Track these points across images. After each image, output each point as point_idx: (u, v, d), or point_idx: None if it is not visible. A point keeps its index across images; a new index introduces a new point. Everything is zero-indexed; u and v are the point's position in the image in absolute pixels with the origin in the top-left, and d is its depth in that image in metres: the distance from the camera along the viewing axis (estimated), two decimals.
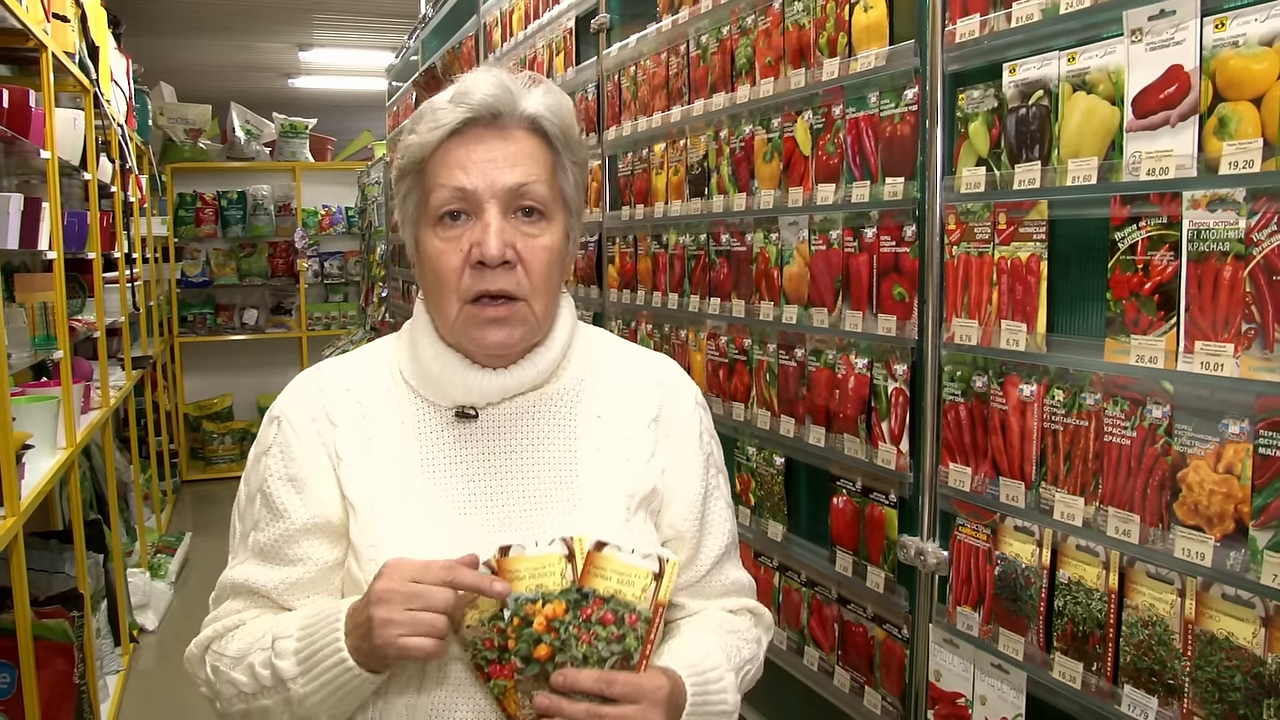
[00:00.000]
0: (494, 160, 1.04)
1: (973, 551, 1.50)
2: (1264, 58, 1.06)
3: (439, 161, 1.06)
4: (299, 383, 1.17)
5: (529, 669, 0.96)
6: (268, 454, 1.12)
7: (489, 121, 1.05)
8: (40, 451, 3.03)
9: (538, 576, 0.97)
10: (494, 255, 1.03)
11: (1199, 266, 1.14)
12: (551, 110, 1.08)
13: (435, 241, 1.06)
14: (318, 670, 0.99)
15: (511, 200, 1.05)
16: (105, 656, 3.86)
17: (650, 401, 1.17)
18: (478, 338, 1.07)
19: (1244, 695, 1.11)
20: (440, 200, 1.05)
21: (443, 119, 1.05)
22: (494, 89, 1.05)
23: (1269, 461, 1.08)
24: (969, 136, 1.47)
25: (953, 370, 1.53)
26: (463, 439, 1.10)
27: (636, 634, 0.96)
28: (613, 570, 0.97)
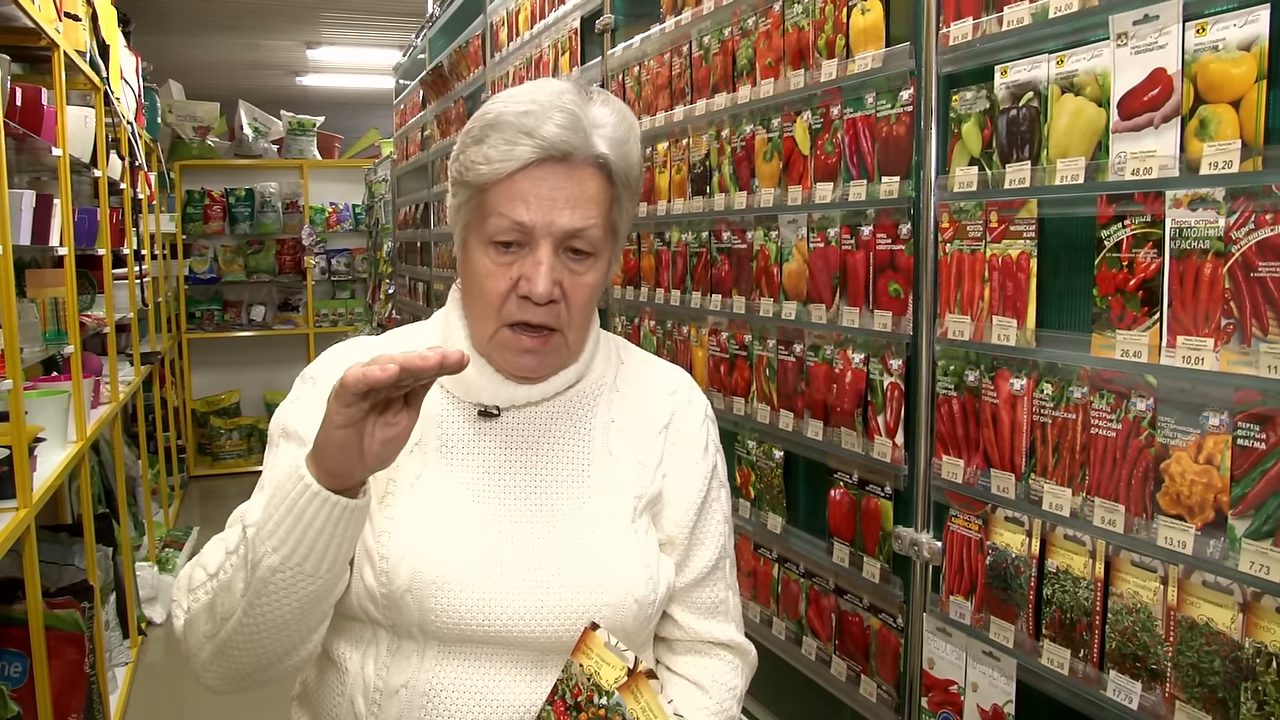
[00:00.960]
0: (555, 200, 1.05)
1: (965, 542, 1.54)
2: (1242, 61, 1.09)
3: (501, 190, 1.06)
4: (337, 350, 1.21)
5: None
6: (295, 403, 1.15)
7: (559, 160, 1.05)
8: (51, 445, 3.08)
9: (602, 663, 1.01)
10: (541, 295, 1.05)
11: (1181, 264, 1.18)
12: (619, 150, 1.09)
13: (486, 262, 1.08)
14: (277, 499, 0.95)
15: (565, 240, 1.07)
16: (114, 649, 3.91)
17: (663, 410, 1.21)
18: (510, 362, 1.11)
19: (1222, 679, 1.15)
20: (498, 227, 1.06)
21: (512, 152, 1.04)
22: (568, 128, 1.04)
23: (1247, 452, 1.12)
24: (962, 137, 1.51)
25: (946, 365, 1.56)
26: (480, 432, 1.14)
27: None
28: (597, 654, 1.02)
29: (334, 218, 7.86)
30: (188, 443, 7.32)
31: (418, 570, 1.06)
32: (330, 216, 7.85)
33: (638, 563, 1.12)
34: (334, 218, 7.86)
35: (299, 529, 0.94)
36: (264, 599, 0.97)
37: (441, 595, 1.06)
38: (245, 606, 0.97)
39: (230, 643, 1.00)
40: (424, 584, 1.05)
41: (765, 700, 2.15)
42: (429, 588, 1.06)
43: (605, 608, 1.09)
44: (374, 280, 7.06)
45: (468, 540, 1.08)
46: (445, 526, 1.08)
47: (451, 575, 1.06)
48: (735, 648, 1.24)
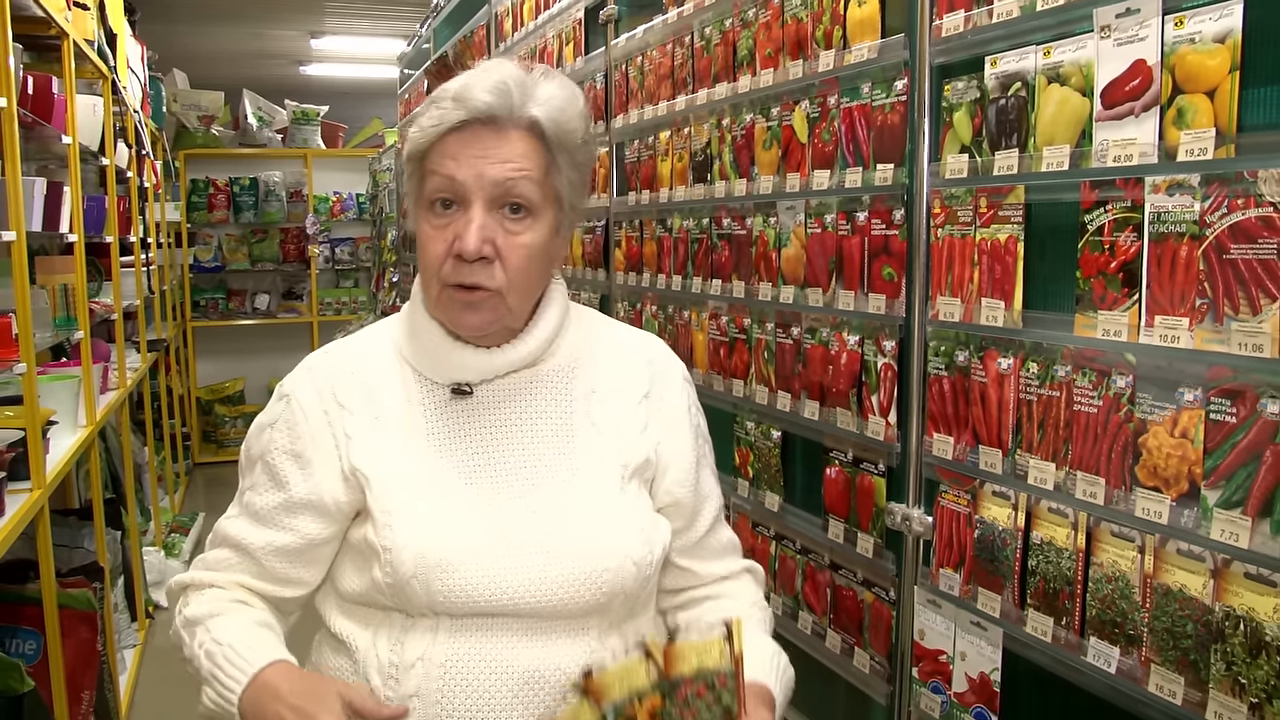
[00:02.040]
0: (485, 156, 1.10)
1: (954, 516, 1.60)
2: (1217, 54, 1.15)
3: (437, 151, 1.11)
4: (309, 364, 1.24)
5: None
6: (274, 427, 1.20)
7: (486, 122, 1.10)
8: (62, 428, 3.14)
9: (626, 682, 1.02)
10: (471, 251, 1.09)
11: (1159, 247, 1.23)
12: (551, 114, 1.13)
13: (425, 227, 1.13)
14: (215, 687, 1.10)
15: (498, 196, 1.10)
16: (122, 631, 3.97)
17: (641, 379, 1.25)
18: (453, 319, 1.16)
19: (1194, 642, 1.21)
20: (433, 187, 1.12)
21: (444, 117, 1.11)
22: (494, 93, 1.10)
23: (1219, 426, 1.17)
24: (953, 125, 1.56)
25: (937, 345, 1.62)
26: (464, 414, 1.18)
27: (729, 689, 1.02)
28: (688, 653, 1.03)
29: (338, 207, 7.91)
30: (192, 430, 7.38)
31: (421, 556, 1.10)
32: (334, 205, 7.90)
33: (632, 526, 1.17)
34: (338, 207, 7.91)
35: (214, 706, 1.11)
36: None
37: (446, 577, 1.10)
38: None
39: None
40: (428, 568, 1.10)
41: None
42: (433, 571, 1.10)
43: (605, 572, 1.13)
44: (378, 269, 7.11)
45: (466, 522, 1.13)
46: (443, 511, 1.13)
47: (454, 557, 1.10)
48: (750, 570, 1.34)
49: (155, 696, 3.82)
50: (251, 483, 1.21)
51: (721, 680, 1.02)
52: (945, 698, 1.65)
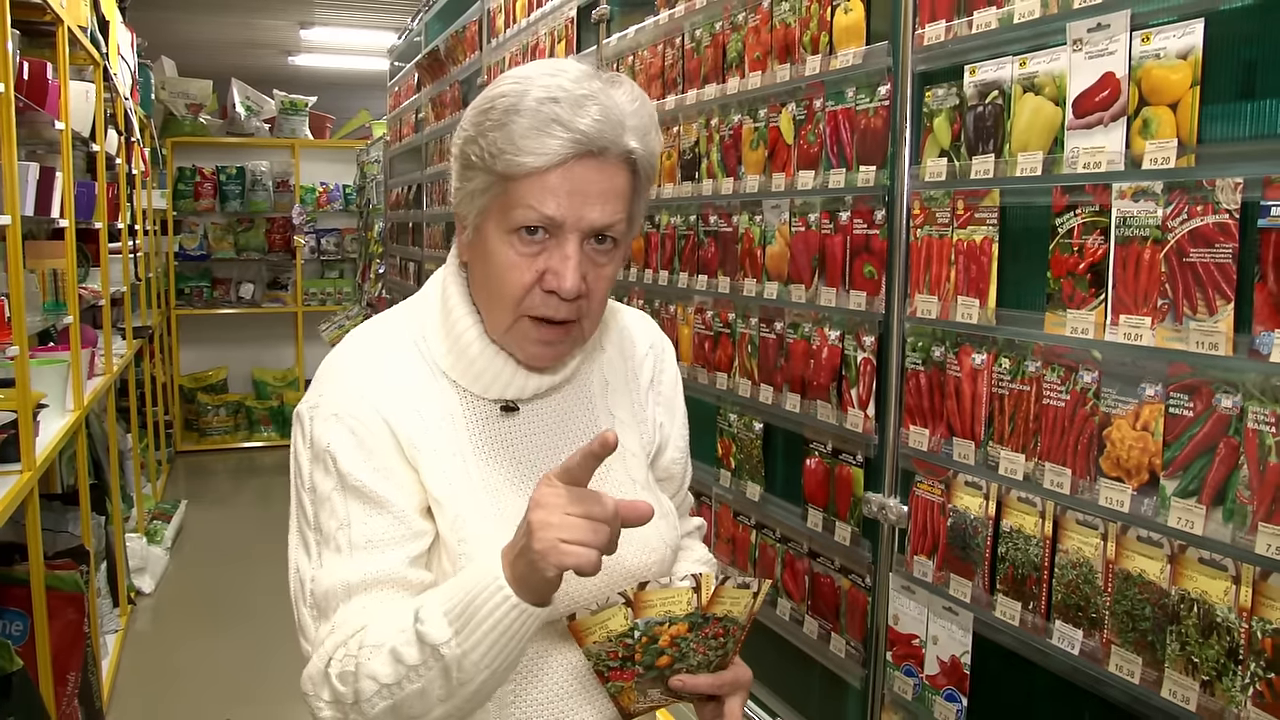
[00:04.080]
0: (587, 196, 1.02)
1: (929, 505, 1.67)
2: (1179, 69, 1.22)
3: (532, 182, 1.02)
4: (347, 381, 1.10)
5: (649, 674, 1.08)
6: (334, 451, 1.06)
7: (593, 154, 1.02)
8: (50, 412, 3.16)
9: (667, 605, 1.06)
10: (570, 291, 1.03)
11: (1124, 249, 1.30)
12: (645, 142, 1.06)
13: (508, 252, 1.05)
14: (476, 620, 0.96)
15: (592, 233, 1.05)
16: (105, 616, 3.99)
17: (647, 367, 1.28)
18: (527, 353, 1.10)
19: (1152, 624, 1.28)
20: (523, 218, 1.03)
21: (549, 146, 1.00)
22: (604, 122, 1.01)
23: (1177, 420, 1.24)
24: (933, 130, 1.63)
25: (915, 341, 1.69)
26: (506, 427, 1.15)
27: (734, 639, 1.10)
28: (729, 596, 1.07)
29: (324, 197, 7.92)
30: (175, 418, 7.38)
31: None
32: (321, 196, 7.91)
33: (660, 513, 1.19)
34: (324, 197, 7.92)
35: (512, 645, 0.98)
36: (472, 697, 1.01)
37: None
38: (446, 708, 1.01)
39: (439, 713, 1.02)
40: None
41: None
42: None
43: (654, 564, 1.17)
44: (364, 260, 7.13)
45: None
46: (509, 524, 1.05)
47: None
48: (699, 527, 1.39)
49: (137, 682, 3.84)
50: (341, 519, 1.06)
51: (735, 630, 1.09)
52: (918, 680, 1.72)
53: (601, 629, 1.05)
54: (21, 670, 2.50)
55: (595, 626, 1.05)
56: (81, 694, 3.13)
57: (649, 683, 1.09)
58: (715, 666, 1.10)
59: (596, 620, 1.05)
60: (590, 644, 1.06)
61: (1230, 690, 1.18)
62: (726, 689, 1.10)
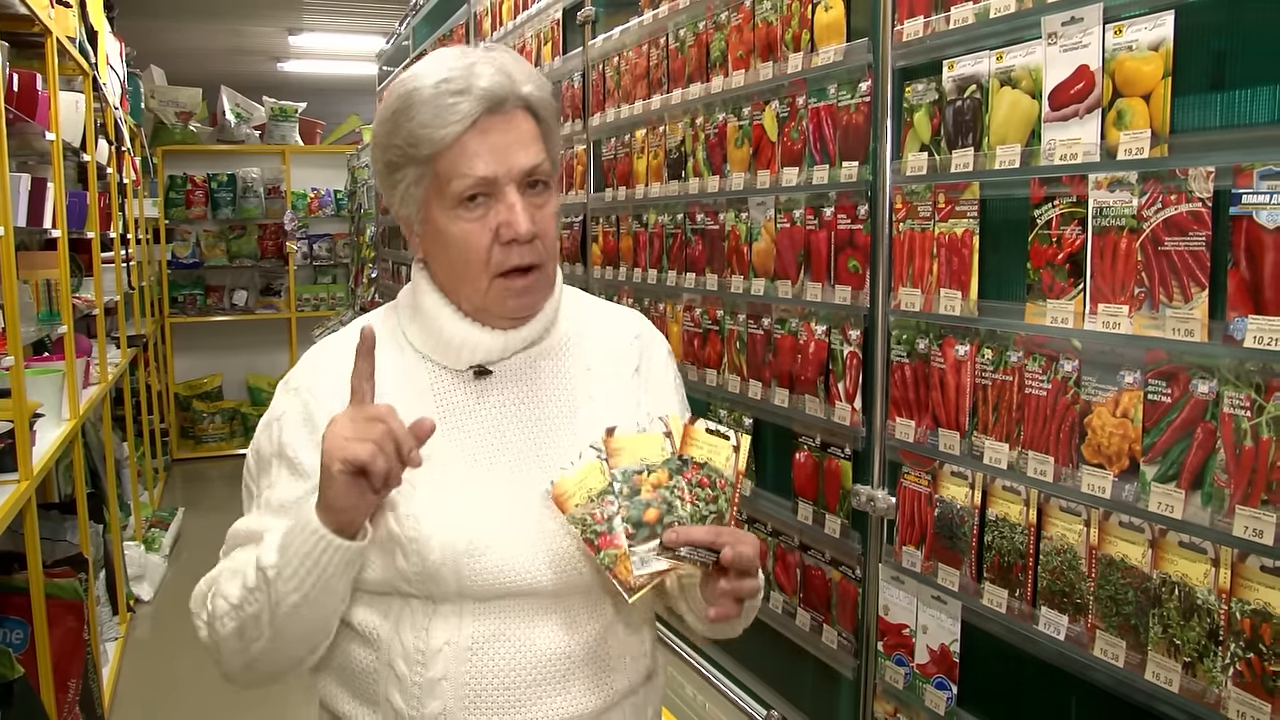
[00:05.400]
0: (508, 145, 1.11)
1: (916, 496, 1.69)
2: (1151, 60, 1.24)
3: (454, 154, 1.10)
4: (315, 358, 1.23)
5: (640, 533, 1.05)
6: (282, 420, 1.18)
7: (496, 108, 1.11)
8: (46, 422, 3.17)
9: (640, 452, 1.06)
10: (525, 232, 1.11)
11: (1101, 239, 1.32)
12: (537, 86, 1.16)
13: (460, 223, 1.12)
14: (294, 545, 1.05)
15: (524, 179, 1.13)
16: (104, 623, 4.01)
17: (630, 355, 1.30)
18: (509, 307, 1.17)
19: (1135, 608, 1.30)
20: (462, 187, 1.11)
21: (460, 110, 1.09)
22: (497, 75, 1.11)
23: (1156, 406, 1.26)
24: (914, 125, 1.65)
25: (899, 334, 1.71)
26: (474, 397, 1.19)
27: (726, 496, 1.08)
28: (703, 440, 1.08)
29: (316, 203, 7.94)
30: (171, 426, 7.39)
31: (448, 544, 1.11)
32: (312, 202, 7.93)
33: None
34: (316, 203, 7.94)
35: (316, 571, 1.06)
36: (289, 624, 1.10)
37: (474, 562, 1.11)
38: (271, 633, 1.10)
39: (259, 657, 1.14)
40: (457, 555, 1.11)
41: (734, 653, 2.30)
42: (462, 558, 1.11)
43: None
44: (356, 264, 7.14)
45: (488, 506, 1.15)
46: (465, 497, 1.14)
47: (479, 541, 1.12)
48: None
49: (138, 689, 3.85)
50: (269, 481, 1.18)
51: (722, 484, 1.08)
52: (909, 669, 1.74)
53: (580, 489, 1.06)
54: (23, 678, 2.51)
55: (574, 488, 1.06)
56: (83, 701, 3.15)
57: (642, 545, 1.05)
58: (710, 524, 1.07)
59: (574, 480, 1.06)
60: (573, 509, 1.05)
61: (1211, 671, 1.20)
62: (727, 537, 1.06)
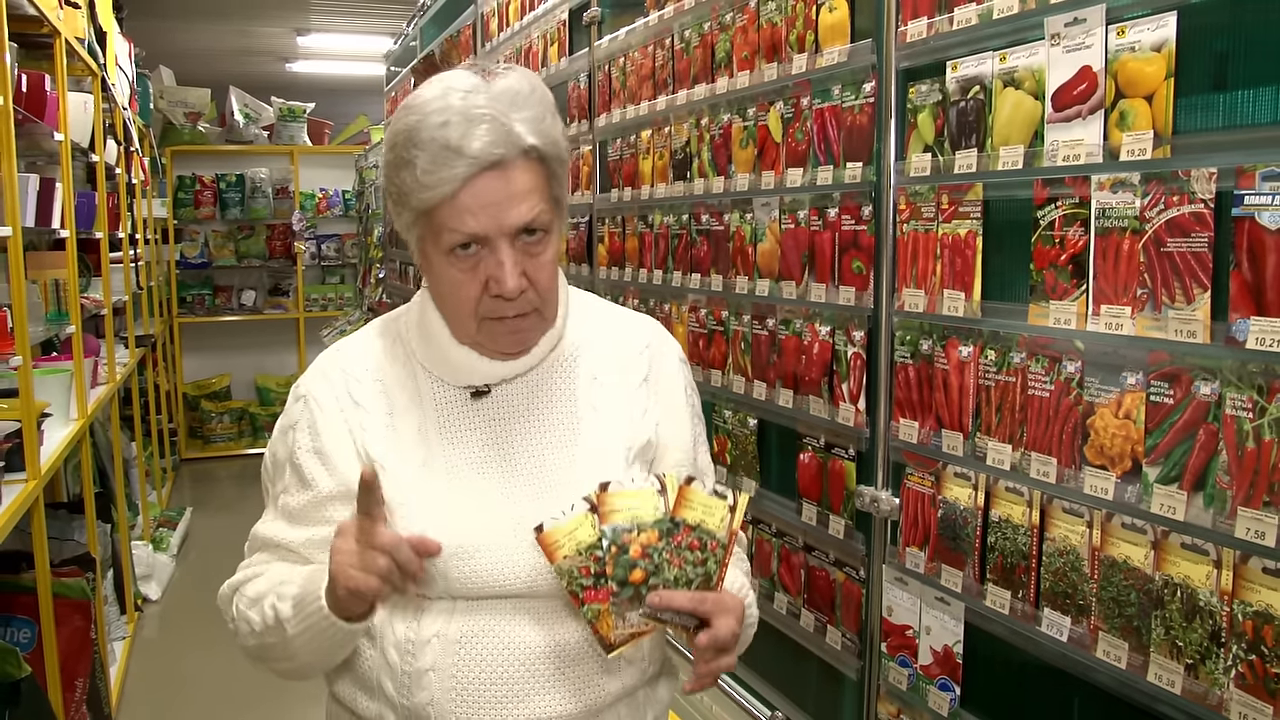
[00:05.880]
0: (499, 204, 1.09)
1: (919, 497, 1.69)
2: (1154, 61, 1.24)
3: (446, 210, 1.09)
4: (323, 364, 1.26)
5: (624, 592, 1.05)
6: (295, 429, 1.22)
7: (490, 168, 1.08)
8: (54, 422, 3.18)
9: (633, 510, 1.06)
10: (511, 291, 1.10)
11: (1104, 240, 1.32)
12: (542, 133, 1.11)
13: (451, 271, 1.13)
14: (304, 614, 1.10)
15: (519, 232, 1.11)
16: (112, 623, 4.02)
17: (640, 364, 1.29)
18: (496, 345, 1.18)
19: (1137, 609, 1.30)
20: (452, 240, 1.10)
21: (446, 175, 1.07)
22: (492, 137, 1.07)
23: (1158, 407, 1.26)
24: (918, 126, 1.65)
25: (903, 335, 1.71)
26: (476, 410, 1.21)
27: (716, 558, 1.07)
28: (698, 502, 1.08)
29: (324, 203, 7.95)
30: (179, 426, 7.41)
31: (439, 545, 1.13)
32: (320, 202, 7.94)
33: None
34: (324, 203, 7.95)
35: (324, 639, 1.13)
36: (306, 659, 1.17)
37: (462, 564, 1.13)
38: (291, 664, 1.19)
39: (284, 669, 1.23)
40: (445, 556, 1.12)
41: (740, 654, 2.29)
42: (451, 560, 1.13)
43: None
44: (364, 265, 7.16)
45: (479, 510, 1.17)
46: (457, 501, 1.16)
47: (469, 544, 1.13)
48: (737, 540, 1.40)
49: (145, 688, 3.87)
50: (283, 486, 1.23)
51: (713, 545, 1.07)
52: (912, 670, 1.74)
53: (570, 541, 1.06)
54: (30, 677, 2.52)
55: (563, 538, 1.06)
56: (90, 700, 3.16)
57: (626, 603, 1.05)
58: (696, 587, 1.06)
59: (564, 530, 1.06)
60: (561, 560, 1.05)
61: (1213, 673, 1.20)
62: (709, 606, 1.05)
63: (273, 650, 1.18)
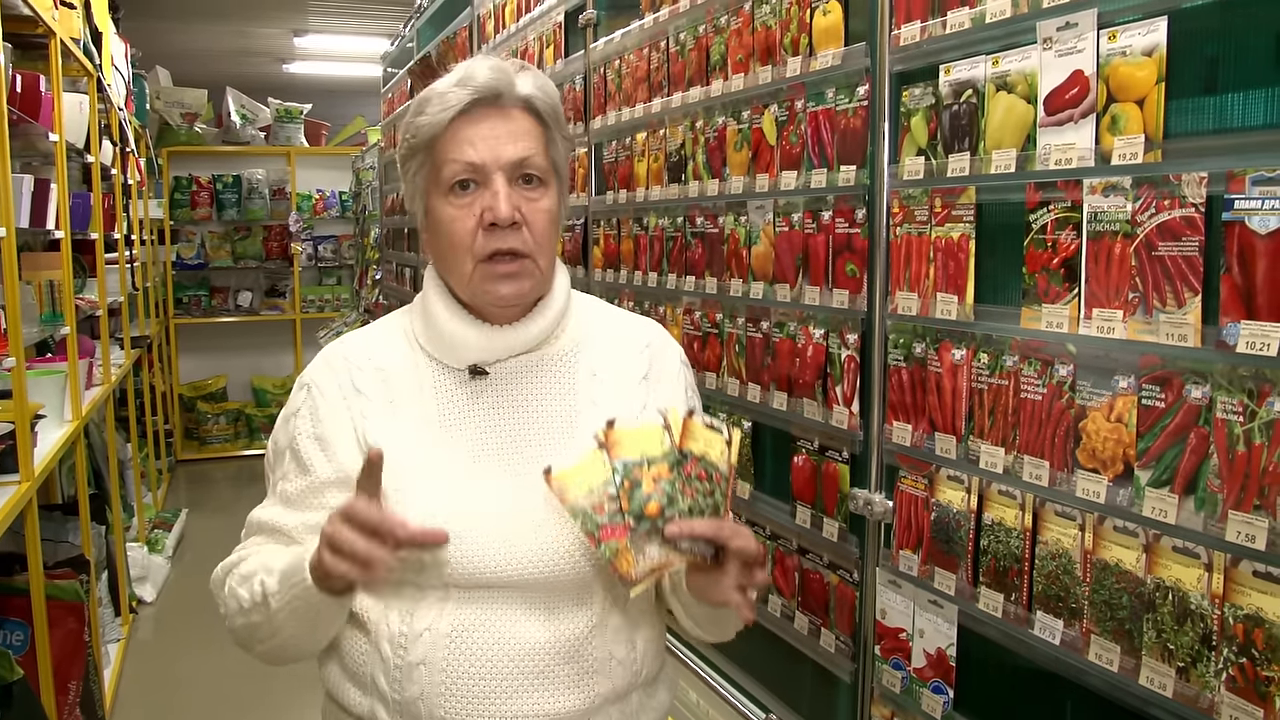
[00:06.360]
0: (498, 136, 1.18)
1: (913, 500, 1.69)
2: (1145, 65, 1.24)
3: (449, 139, 1.19)
4: (327, 354, 1.30)
5: (641, 525, 1.05)
6: (297, 415, 1.25)
7: (491, 101, 1.19)
8: (49, 423, 3.18)
9: (640, 445, 1.07)
10: (505, 216, 1.16)
11: (1096, 244, 1.32)
12: (542, 91, 1.22)
13: (449, 209, 1.19)
14: (289, 587, 1.12)
15: (514, 171, 1.19)
16: (106, 625, 4.01)
17: (640, 363, 1.31)
18: (492, 291, 1.20)
19: (1129, 612, 1.30)
20: (452, 173, 1.18)
21: (451, 100, 1.18)
22: (493, 73, 1.19)
23: (1150, 411, 1.26)
24: (911, 129, 1.65)
25: (896, 338, 1.71)
26: (474, 396, 1.24)
27: (721, 490, 1.08)
28: (700, 434, 1.09)
29: (321, 204, 7.95)
30: (175, 427, 7.40)
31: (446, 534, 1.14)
32: (317, 203, 7.94)
33: None
34: (321, 204, 7.95)
35: (306, 610, 1.14)
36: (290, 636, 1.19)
37: (457, 548, 1.15)
38: (275, 640, 1.20)
39: (269, 650, 1.23)
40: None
41: (734, 656, 2.30)
42: (449, 546, 1.14)
43: None
44: (361, 266, 7.15)
45: (474, 497, 1.19)
46: (452, 487, 1.18)
47: (464, 531, 1.15)
48: None
49: (140, 690, 3.86)
50: (282, 473, 1.26)
51: (718, 478, 1.08)
52: (905, 673, 1.74)
53: (582, 481, 1.06)
54: (22, 679, 2.51)
55: (574, 480, 1.07)
56: (83, 703, 3.15)
57: (644, 538, 1.06)
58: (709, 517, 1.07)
59: (575, 470, 1.06)
60: (574, 500, 1.06)
61: (1205, 676, 1.20)
62: (727, 531, 1.08)
63: (259, 630, 1.19)
